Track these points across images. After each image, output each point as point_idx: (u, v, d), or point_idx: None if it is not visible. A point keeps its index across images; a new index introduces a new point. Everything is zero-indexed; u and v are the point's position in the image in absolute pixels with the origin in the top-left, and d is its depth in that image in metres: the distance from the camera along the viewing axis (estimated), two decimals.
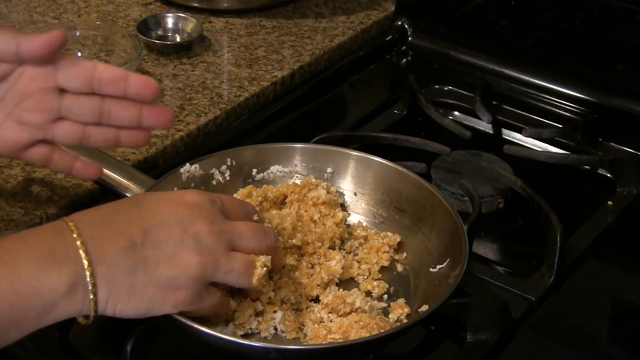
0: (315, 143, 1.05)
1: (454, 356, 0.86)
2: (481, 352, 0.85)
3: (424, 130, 1.16)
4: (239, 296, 0.83)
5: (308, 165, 0.99)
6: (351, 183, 0.99)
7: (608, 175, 1.10)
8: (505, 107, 1.22)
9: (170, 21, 1.30)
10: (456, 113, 1.23)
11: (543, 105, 1.23)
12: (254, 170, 0.99)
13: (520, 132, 1.16)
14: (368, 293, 0.89)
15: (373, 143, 1.11)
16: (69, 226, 0.72)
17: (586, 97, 1.22)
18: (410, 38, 1.36)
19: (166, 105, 1.12)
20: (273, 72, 1.24)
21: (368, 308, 0.85)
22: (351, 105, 1.27)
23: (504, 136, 1.18)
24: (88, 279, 0.70)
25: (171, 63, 1.24)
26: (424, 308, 0.84)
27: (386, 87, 1.31)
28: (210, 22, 1.34)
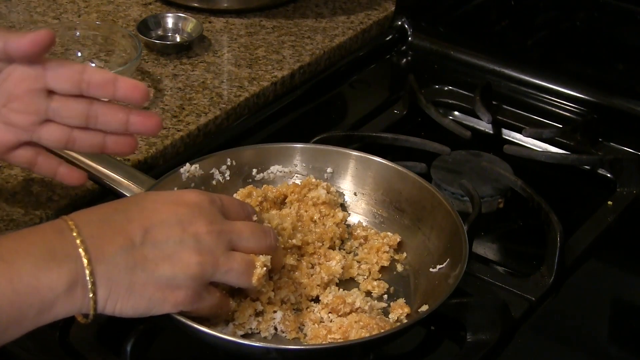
0: (315, 143, 1.05)
1: (454, 356, 0.86)
2: (481, 352, 0.85)
3: (424, 130, 1.16)
4: (239, 296, 0.83)
5: (308, 165, 0.99)
6: (351, 183, 0.99)
7: (608, 175, 1.10)
8: (505, 107, 1.22)
9: (170, 21, 1.30)
10: (456, 113, 1.23)
11: (543, 105, 1.23)
12: (254, 170, 0.99)
13: (520, 132, 1.16)
14: (368, 293, 0.89)
15: (373, 143, 1.11)
16: (69, 225, 0.72)
17: (586, 97, 1.22)
18: (410, 38, 1.36)
19: (155, 112, 1.12)
20: (273, 72, 1.24)
21: (368, 308, 0.85)
22: (351, 105, 1.27)
23: (504, 136, 1.18)
24: (87, 278, 0.70)
25: (171, 63, 1.24)
26: (424, 308, 0.84)
27: (386, 87, 1.31)
28: (210, 22, 1.34)
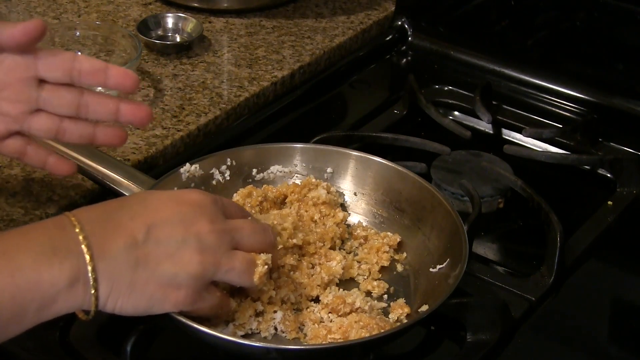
0: (315, 143, 1.05)
1: (454, 356, 0.86)
2: (481, 352, 0.85)
3: (424, 130, 1.16)
4: (239, 296, 0.83)
5: (308, 165, 0.99)
6: (351, 183, 0.99)
7: (608, 175, 1.10)
8: (505, 107, 1.22)
9: (170, 21, 1.30)
10: (456, 113, 1.23)
11: (543, 105, 1.23)
12: (254, 170, 0.99)
13: (520, 132, 1.16)
14: (368, 293, 0.89)
15: (373, 143, 1.11)
16: (71, 221, 0.72)
17: (586, 97, 1.22)
18: (410, 38, 1.36)
19: (145, 103, 1.12)
20: (273, 72, 1.24)
21: (368, 308, 0.85)
22: (351, 105, 1.27)
23: (504, 136, 1.18)
24: (89, 274, 0.70)
25: (171, 63, 1.24)
26: (424, 308, 0.84)
27: (386, 87, 1.31)
28: (210, 22, 1.34)
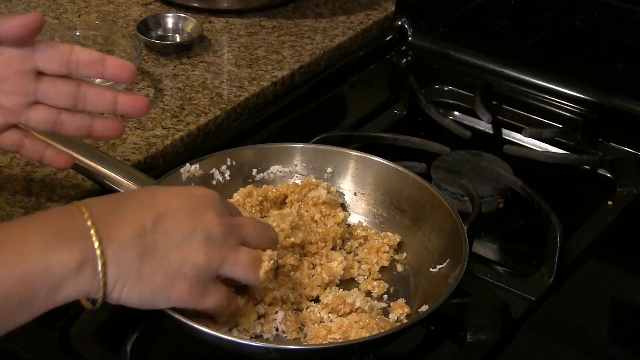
0: (315, 143, 1.05)
1: (454, 356, 0.86)
2: (481, 352, 0.85)
3: (424, 130, 1.16)
4: (242, 298, 0.83)
5: (308, 165, 0.99)
6: (351, 183, 0.99)
7: (608, 175, 1.10)
8: (505, 107, 1.22)
9: (170, 21, 1.30)
10: (456, 113, 1.23)
11: (543, 105, 1.23)
12: (254, 170, 0.99)
13: (520, 132, 1.16)
14: (368, 293, 0.89)
15: (373, 143, 1.11)
16: (80, 208, 0.72)
17: (586, 97, 1.22)
18: (410, 38, 1.36)
19: (144, 96, 1.13)
20: (273, 72, 1.24)
21: (368, 308, 0.85)
22: (351, 105, 1.27)
23: (504, 136, 1.18)
24: (98, 258, 0.70)
25: (171, 63, 1.24)
26: (424, 308, 0.84)
27: (386, 87, 1.31)
28: (210, 22, 1.34)
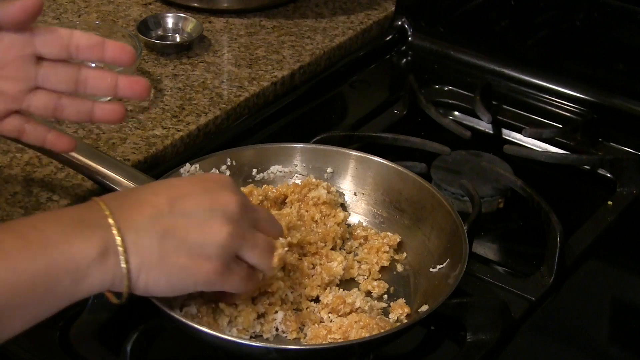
0: (315, 143, 1.05)
1: (454, 356, 0.86)
2: (481, 352, 0.85)
3: (424, 130, 1.16)
4: (243, 300, 0.83)
5: (308, 165, 0.99)
6: (351, 183, 0.99)
7: (608, 175, 1.10)
8: (505, 107, 1.22)
9: (170, 21, 1.30)
10: (456, 113, 1.23)
11: (543, 105, 1.23)
12: (254, 170, 0.99)
13: (520, 132, 1.16)
14: (368, 293, 0.89)
15: (373, 143, 1.11)
16: (97, 202, 0.73)
17: (586, 97, 1.22)
18: (410, 38, 1.36)
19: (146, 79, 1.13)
20: (273, 72, 1.24)
21: (368, 308, 0.85)
22: (351, 105, 1.27)
23: (504, 136, 1.18)
24: (119, 246, 0.71)
25: (171, 63, 1.24)
26: (424, 308, 0.84)
27: (386, 87, 1.31)
28: (210, 22, 1.34)
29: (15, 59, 0.80)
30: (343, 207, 0.98)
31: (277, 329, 0.84)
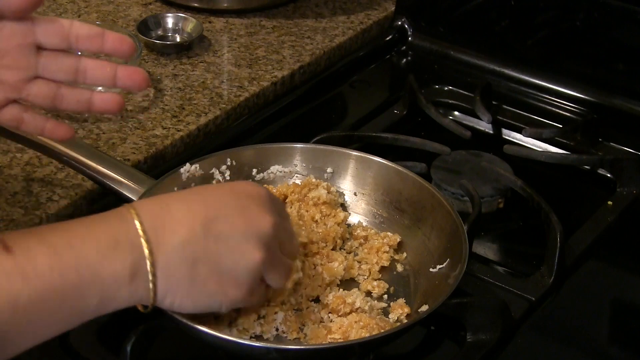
0: (315, 143, 1.05)
1: (454, 356, 0.86)
2: (481, 352, 0.85)
3: (424, 130, 1.16)
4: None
5: (308, 165, 0.99)
6: (351, 183, 0.99)
7: (608, 175, 1.10)
8: (505, 107, 1.22)
9: (170, 21, 1.30)
10: (456, 113, 1.23)
11: (543, 105, 1.23)
12: (254, 170, 0.99)
13: (520, 132, 1.16)
14: (368, 293, 0.89)
15: (373, 143, 1.11)
16: (131, 213, 0.72)
17: (586, 97, 1.22)
18: (410, 38, 1.36)
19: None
20: (273, 72, 1.24)
21: (368, 308, 0.85)
22: (351, 105, 1.27)
23: (504, 136, 1.18)
24: (148, 268, 0.71)
25: (171, 63, 1.24)
26: (424, 308, 0.84)
27: (386, 87, 1.31)
28: (210, 22, 1.34)
29: (15, 48, 0.81)
30: (343, 207, 0.98)
31: (277, 329, 0.84)
